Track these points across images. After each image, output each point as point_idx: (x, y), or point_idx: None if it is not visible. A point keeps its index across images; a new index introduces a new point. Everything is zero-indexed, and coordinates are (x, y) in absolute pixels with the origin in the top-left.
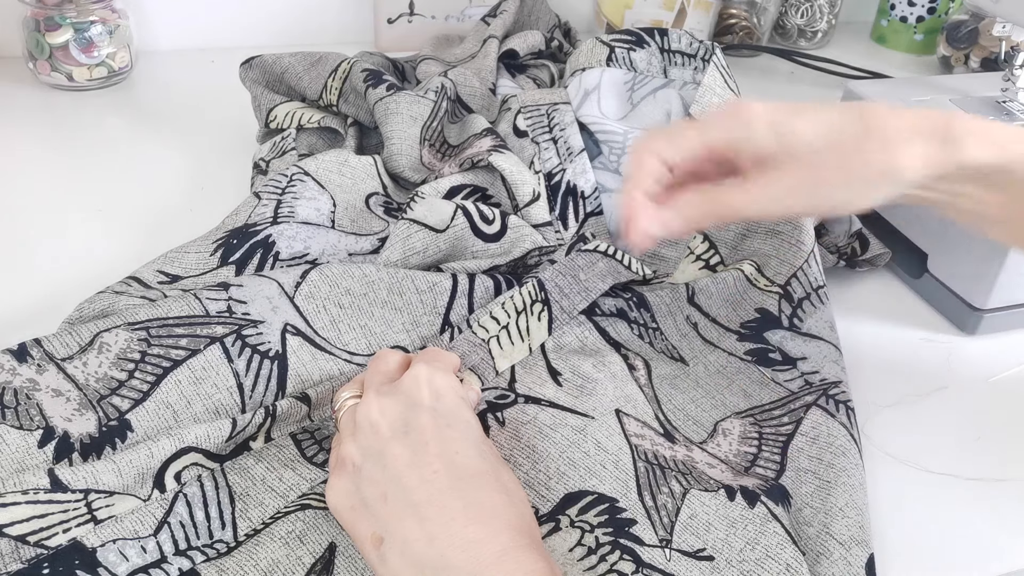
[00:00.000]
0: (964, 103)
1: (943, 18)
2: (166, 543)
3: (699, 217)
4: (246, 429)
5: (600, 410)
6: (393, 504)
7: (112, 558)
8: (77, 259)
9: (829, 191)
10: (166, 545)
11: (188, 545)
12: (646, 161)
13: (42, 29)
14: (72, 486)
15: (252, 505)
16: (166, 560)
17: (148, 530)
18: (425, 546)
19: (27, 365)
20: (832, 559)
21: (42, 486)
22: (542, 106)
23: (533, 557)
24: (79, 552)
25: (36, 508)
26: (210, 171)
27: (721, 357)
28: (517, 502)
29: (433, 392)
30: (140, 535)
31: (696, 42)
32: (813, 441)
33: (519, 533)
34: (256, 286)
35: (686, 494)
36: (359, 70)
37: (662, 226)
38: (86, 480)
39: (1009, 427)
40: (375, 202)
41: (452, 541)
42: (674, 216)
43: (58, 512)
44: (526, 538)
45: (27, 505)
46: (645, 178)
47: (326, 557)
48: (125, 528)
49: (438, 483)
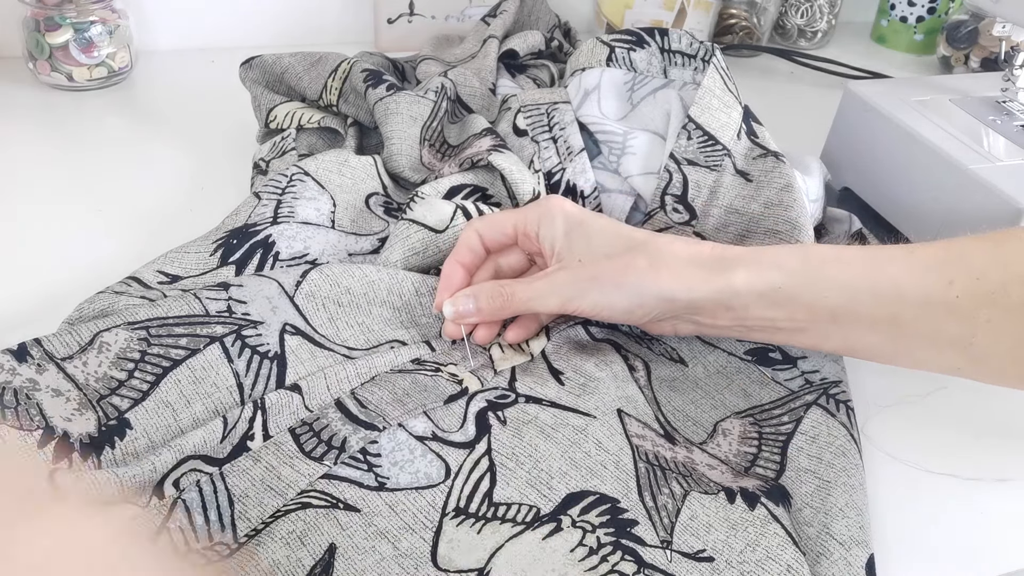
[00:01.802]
0: (964, 103)
1: (943, 18)
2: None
3: (488, 300)
4: (237, 426)
5: (602, 409)
6: None
7: None
8: (77, 259)
9: (598, 295)
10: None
11: (188, 549)
12: (464, 234)
13: (42, 29)
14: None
15: (251, 506)
16: None
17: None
18: None
19: (27, 365)
20: (832, 559)
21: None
22: (542, 105)
23: None
24: None
25: None
26: (210, 171)
27: (721, 357)
28: None
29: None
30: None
31: (696, 42)
32: (813, 440)
33: None
34: (256, 286)
35: (686, 495)
36: (359, 70)
37: (454, 309)
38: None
39: (1009, 427)
40: (375, 202)
41: None
42: (466, 300)
43: None
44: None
45: None
46: (462, 248)
47: (326, 559)
48: None
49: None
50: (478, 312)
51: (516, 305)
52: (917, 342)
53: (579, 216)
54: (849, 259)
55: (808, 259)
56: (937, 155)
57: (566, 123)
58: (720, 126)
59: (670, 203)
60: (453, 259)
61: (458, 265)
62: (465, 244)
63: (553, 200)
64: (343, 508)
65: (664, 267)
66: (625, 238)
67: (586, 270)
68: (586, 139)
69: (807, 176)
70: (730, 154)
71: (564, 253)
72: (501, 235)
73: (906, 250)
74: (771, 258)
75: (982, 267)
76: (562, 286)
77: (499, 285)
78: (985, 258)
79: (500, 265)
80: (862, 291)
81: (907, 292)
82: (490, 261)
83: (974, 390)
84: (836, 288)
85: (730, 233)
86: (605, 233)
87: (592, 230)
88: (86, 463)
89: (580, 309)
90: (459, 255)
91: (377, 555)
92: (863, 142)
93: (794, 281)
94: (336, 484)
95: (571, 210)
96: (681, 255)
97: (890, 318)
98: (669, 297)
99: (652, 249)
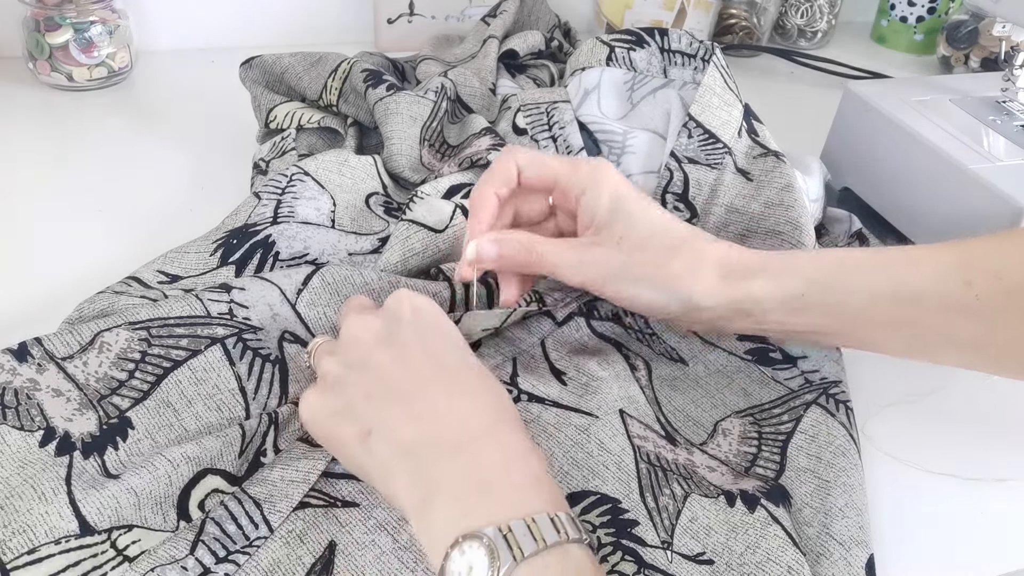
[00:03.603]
0: (964, 103)
1: (943, 18)
2: (205, 556)
3: (512, 254)
4: (254, 439)
5: (605, 409)
6: (378, 399)
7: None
8: (77, 259)
9: (626, 285)
10: (206, 558)
11: (227, 551)
12: (503, 162)
13: (42, 29)
14: (98, 526)
15: (278, 499)
16: (210, 572)
17: (184, 552)
18: (413, 427)
19: (27, 365)
20: (832, 559)
21: (72, 531)
22: (542, 104)
23: (517, 434)
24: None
25: (70, 557)
26: (210, 171)
27: (721, 356)
28: (498, 389)
29: (414, 310)
30: (177, 558)
31: (696, 42)
32: (812, 439)
33: (503, 411)
34: (259, 291)
35: (687, 497)
36: (359, 70)
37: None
38: (110, 518)
39: (1009, 427)
40: (375, 202)
41: (438, 419)
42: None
43: (89, 558)
44: (509, 416)
45: (61, 556)
46: (498, 177)
47: (326, 556)
48: (161, 556)
49: (423, 374)
50: (498, 259)
51: (542, 267)
52: (936, 342)
53: (626, 196)
54: (868, 263)
55: (828, 266)
56: (937, 155)
57: (566, 122)
58: (721, 124)
59: (671, 201)
60: (487, 186)
61: (492, 193)
62: (502, 173)
63: (603, 169)
64: (341, 506)
65: (698, 276)
66: (666, 233)
67: (620, 257)
68: (586, 138)
69: (807, 176)
70: (731, 152)
71: (602, 229)
72: (540, 179)
73: (924, 252)
74: (792, 265)
75: (1001, 266)
76: (593, 266)
77: (530, 241)
78: (1004, 257)
79: (519, 209)
80: (882, 295)
81: (926, 295)
82: (510, 204)
83: (974, 390)
84: (856, 293)
85: (731, 232)
86: (648, 222)
87: (636, 216)
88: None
89: (604, 292)
90: (494, 183)
91: (377, 549)
92: (863, 142)
93: (815, 288)
94: (334, 483)
95: (620, 186)
96: (713, 263)
97: (909, 321)
98: (696, 305)
99: (689, 254)
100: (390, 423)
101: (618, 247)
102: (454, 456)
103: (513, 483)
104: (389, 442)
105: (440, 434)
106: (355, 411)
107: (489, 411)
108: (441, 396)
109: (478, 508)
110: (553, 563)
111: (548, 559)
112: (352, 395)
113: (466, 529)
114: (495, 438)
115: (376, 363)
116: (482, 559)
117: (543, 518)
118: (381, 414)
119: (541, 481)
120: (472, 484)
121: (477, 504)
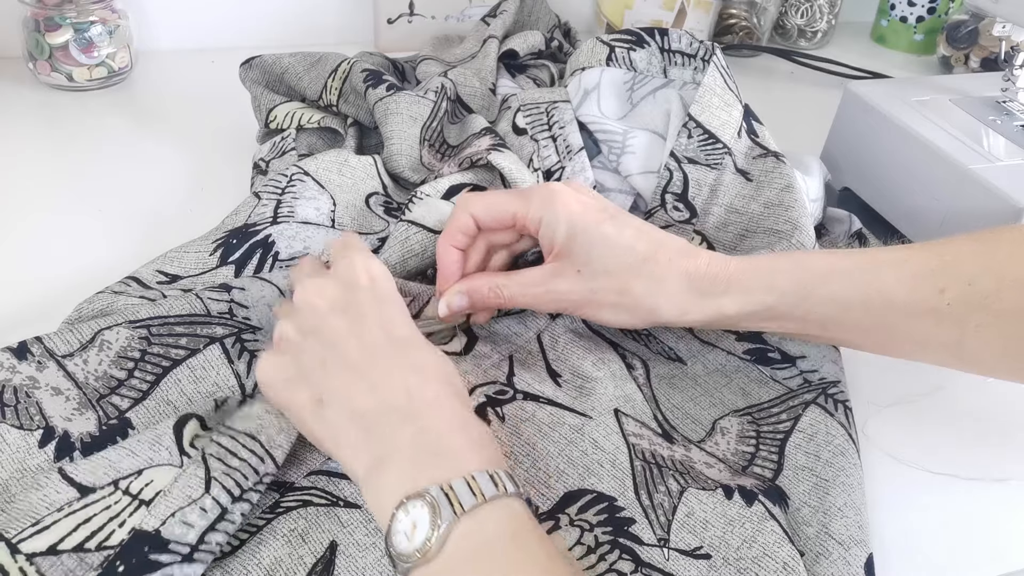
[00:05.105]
0: (964, 103)
1: (943, 18)
2: (221, 495)
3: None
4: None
5: (599, 410)
6: (332, 367)
7: (178, 531)
8: (77, 259)
9: (595, 310)
10: (222, 497)
11: (241, 489)
12: (458, 215)
13: (42, 29)
14: (97, 484)
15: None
16: (228, 512)
17: (199, 490)
18: (366, 397)
19: (27, 363)
20: (831, 559)
21: (72, 497)
22: (541, 104)
23: (460, 403)
24: (144, 539)
25: (78, 516)
26: (210, 171)
27: (720, 356)
28: (443, 358)
29: (369, 276)
30: (194, 497)
31: (696, 42)
32: (811, 438)
33: (448, 383)
34: (258, 292)
35: (683, 492)
36: (359, 70)
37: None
38: (107, 474)
39: (1009, 427)
40: (375, 202)
41: (391, 390)
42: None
43: (102, 511)
44: (454, 387)
45: (68, 518)
46: (456, 232)
47: (327, 556)
48: (177, 497)
49: (377, 344)
50: (471, 307)
51: (510, 305)
52: (907, 344)
53: (583, 221)
54: (842, 270)
55: (801, 278)
56: (937, 155)
57: (565, 122)
58: (721, 124)
59: (670, 201)
60: (447, 241)
61: (451, 248)
62: (459, 227)
63: (558, 196)
64: (343, 506)
65: (662, 294)
66: (627, 252)
67: (583, 285)
68: (586, 138)
69: (807, 176)
70: (731, 152)
71: (562, 256)
72: (498, 221)
73: (899, 257)
74: (764, 279)
75: (974, 273)
76: (560, 298)
77: (495, 285)
78: (977, 263)
79: (492, 241)
80: (853, 304)
81: (898, 301)
82: (482, 238)
83: (974, 390)
84: (826, 303)
85: (730, 232)
86: (607, 244)
87: (593, 239)
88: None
89: (578, 315)
90: (453, 238)
91: (378, 552)
92: (863, 142)
93: (785, 301)
94: (336, 482)
95: (575, 212)
96: (680, 277)
97: (880, 326)
98: (663, 321)
99: (652, 272)
100: (343, 392)
101: (580, 277)
102: (403, 425)
103: (456, 447)
104: (342, 410)
105: (391, 404)
106: (309, 377)
107: (437, 382)
108: (395, 367)
109: (424, 472)
110: (492, 515)
111: (488, 511)
112: (306, 361)
113: (411, 491)
114: (441, 408)
115: (331, 329)
116: (424, 516)
117: (482, 475)
118: (334, 382)
119: (484, 445)
120: (419, 450)
121: (423, 468)
